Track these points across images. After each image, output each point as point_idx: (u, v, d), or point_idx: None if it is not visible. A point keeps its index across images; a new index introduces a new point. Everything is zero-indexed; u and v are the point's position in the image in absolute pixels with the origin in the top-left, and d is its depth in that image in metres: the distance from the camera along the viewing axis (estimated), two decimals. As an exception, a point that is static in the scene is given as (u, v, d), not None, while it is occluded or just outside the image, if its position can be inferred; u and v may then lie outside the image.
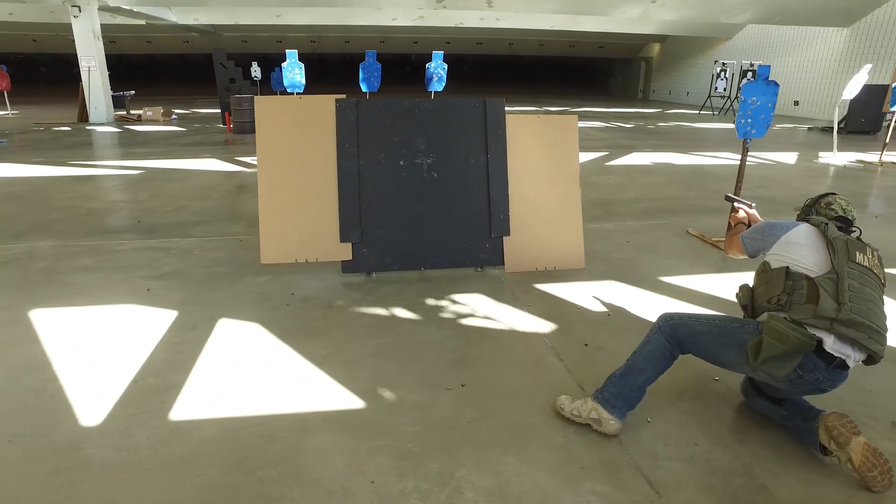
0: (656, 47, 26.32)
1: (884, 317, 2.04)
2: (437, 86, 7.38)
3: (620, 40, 25.41)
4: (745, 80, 17.67)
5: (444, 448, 2.16)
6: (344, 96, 3.83)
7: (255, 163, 8.16)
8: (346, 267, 3.82)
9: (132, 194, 6.37)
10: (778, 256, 2.21)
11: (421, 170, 3.88)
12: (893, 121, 9.34)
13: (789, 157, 9.83)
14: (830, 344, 1.97)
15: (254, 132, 11.35)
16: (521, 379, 2.67)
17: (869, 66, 8.05)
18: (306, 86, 8.47)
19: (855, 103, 12.38)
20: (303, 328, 3.13)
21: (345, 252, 3.81)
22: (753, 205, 2.89)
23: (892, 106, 8.82)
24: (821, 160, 9.68)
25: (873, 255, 2.14)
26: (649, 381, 2.25)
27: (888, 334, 2.04)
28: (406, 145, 3.85)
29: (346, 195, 3.77)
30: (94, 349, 2.84)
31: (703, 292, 3.77)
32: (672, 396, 2.52)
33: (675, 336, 2.22)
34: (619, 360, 2.43)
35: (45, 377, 2.58)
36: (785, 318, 2.03)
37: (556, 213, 4.11)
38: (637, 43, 26.47)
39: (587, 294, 3.68)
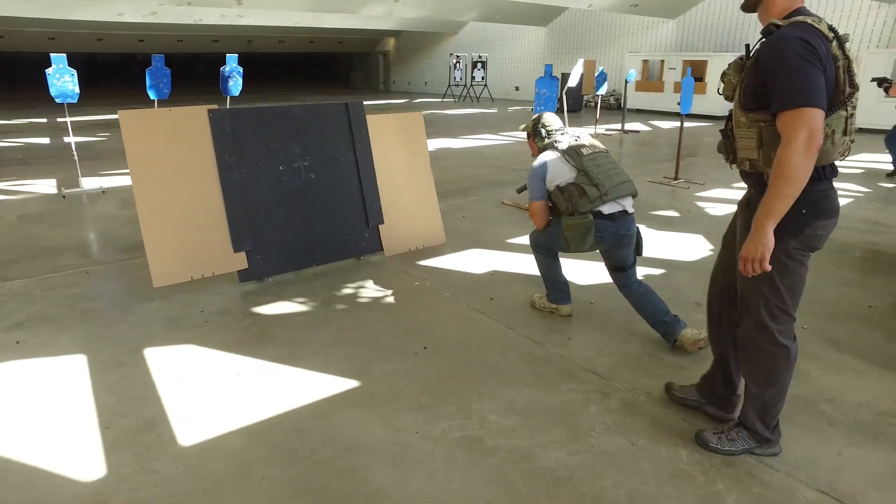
0: (392, 41, 28.17)
1: (621, 169, 3.03)
2: (234, 90, 7.12)
3: (359, 35, 26.54)
4: (475, 70, 20.33)
5: (448, 394, 2.60)
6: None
7: (15, 189, 6.85)
8: (244, 276, 3.80)
9: None
10: (553, 183, 3.03)
11: (299, 173, 4.04)
12: (599, 101, 12.12)
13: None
14: (606, 209, 2.92)
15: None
16: (463, 333, 3.21)
17: (582, 60, 10.30)
18: None
19: (560, 88, 15.49)
20: (242, 338, 3.15)
21: (239, 262, 3.78)
22: None
23: (597, 90, 11.44)
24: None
25: (589, 141, 3.07)
26: (560, 273, 3.34)
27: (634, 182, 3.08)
28: (282, 150, 3.96)
29: (233, 205, 3.74)
30: (8, 415, 2.47)
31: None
32: (576, 321, 3.36)
33: (541, 248, 3.28)
34: (519, 304, 3.36)
35: (-25, 454, 2.21)
36: (574, 213, 2.92)
37: (417, 199, 4.67)
38: (374, 38, 27.94)
39: (462, 262, 4.35)
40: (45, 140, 11.23)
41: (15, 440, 2.30)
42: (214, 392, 2.63)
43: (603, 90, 11.24)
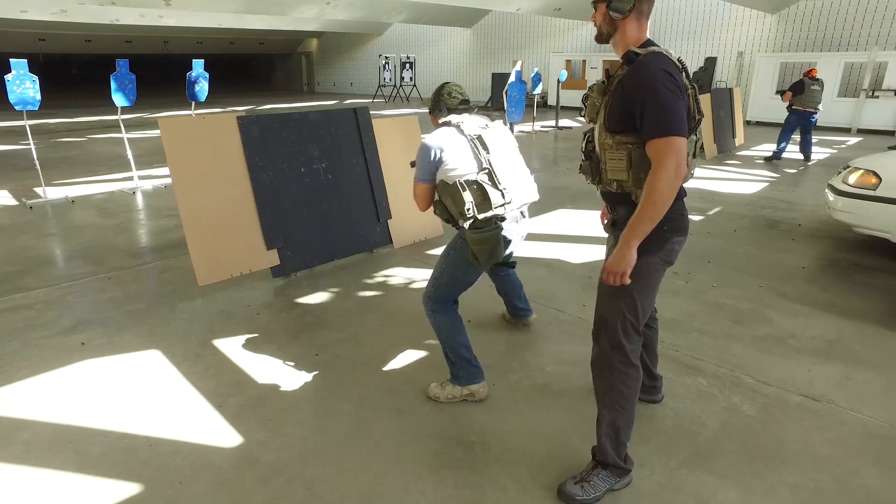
0: (314, 42, 27.92)
1: (527, 170, 2.64)
2: (201, 95, 7.11)
3: (280, 36, 26.12)
4: (404, 71, 20.74)
5: (505, 355, 3.10)
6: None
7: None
8: (277, 271, 4.08)
9: None
10: (449, 172, 2.43)
11: (319, 174, 4.35)
12: (535, 101, 12.94)
13: (476, 133, 12.60)
14: (509, 215, 2.50)
15: None
16: (494, 307, 3.69)
17: (520, 61, 11.03)
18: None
19: (494, 88, 16.26)
20: (300, 326, 3.46)
21: (272, 258, 4.05)
22: None
23: (533, 90, 12.25)
24: (496, 133, 12.72)
25: (495, 131, 2.56)
26: (466, 336, 2.66)
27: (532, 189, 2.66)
28: (303, 154, 4.26)
29: (265, 205, 4.01)
30: (115, 402, 2.68)
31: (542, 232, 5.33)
32: (583, 292, 3.94)
33: (439, 303, 2.62)
34: (530, 282, 3.64)
35: (106, 445, 2.43)
36: (474, 220, 2.41)
37: (416, 195, 5.09)
38: (296, 39, 27.57)
39: (466, 250, 4.83)
40: (-37, 150, 10.45)
41: (141, 421, 2.53)
42: (301, 370, 2.96)
43: (539, 90, 12.05)
